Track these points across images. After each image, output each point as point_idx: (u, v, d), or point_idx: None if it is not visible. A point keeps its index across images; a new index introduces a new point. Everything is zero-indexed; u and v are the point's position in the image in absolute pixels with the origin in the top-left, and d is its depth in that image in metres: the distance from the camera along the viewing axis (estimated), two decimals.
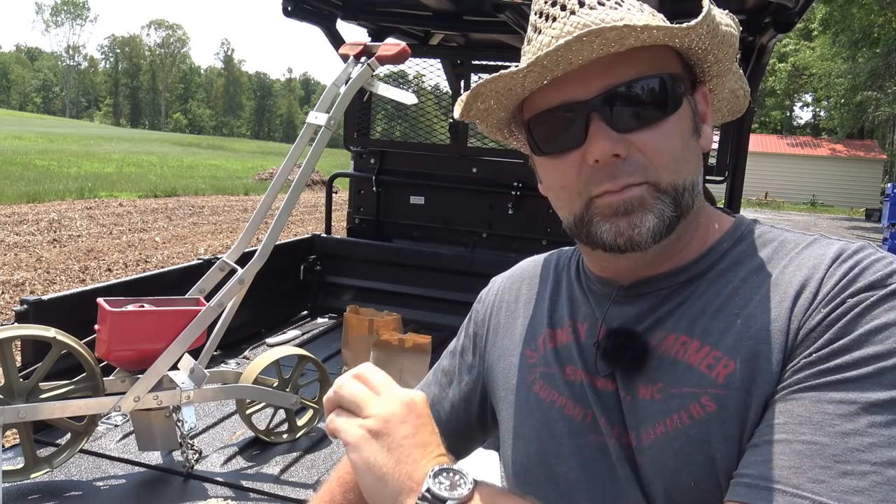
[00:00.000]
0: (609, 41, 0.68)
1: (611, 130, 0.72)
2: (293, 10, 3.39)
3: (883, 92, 29.02)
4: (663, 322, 0.78)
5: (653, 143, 0.73)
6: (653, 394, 0.75)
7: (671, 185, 0.74)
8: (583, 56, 0.69)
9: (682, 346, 0.75)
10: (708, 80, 0.82)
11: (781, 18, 2.77)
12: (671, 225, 0.74)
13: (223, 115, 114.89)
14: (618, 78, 0.72)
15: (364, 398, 0.70)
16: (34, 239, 8.84)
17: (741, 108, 0.90)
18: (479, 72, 4.23)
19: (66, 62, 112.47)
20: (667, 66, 0.75)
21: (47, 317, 2.09)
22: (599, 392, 0.81)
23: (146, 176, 19.14)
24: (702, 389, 0.71)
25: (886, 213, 12.76)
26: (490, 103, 0.79)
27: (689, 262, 0.80)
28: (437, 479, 0.65)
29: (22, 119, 57.25)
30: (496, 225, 3.81)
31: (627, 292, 0.82)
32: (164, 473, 2.04)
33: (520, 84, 0.74)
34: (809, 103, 49.11)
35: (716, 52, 0.77)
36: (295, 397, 2.30)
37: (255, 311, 3.28)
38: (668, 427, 0.72)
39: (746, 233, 0.81)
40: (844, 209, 30.00)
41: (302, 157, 2.25)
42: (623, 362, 0.78)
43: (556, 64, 0.70)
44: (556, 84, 0.73)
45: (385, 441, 0.68)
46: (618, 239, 0.74)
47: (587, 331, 0.86)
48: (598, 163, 0.73)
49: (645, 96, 0.73)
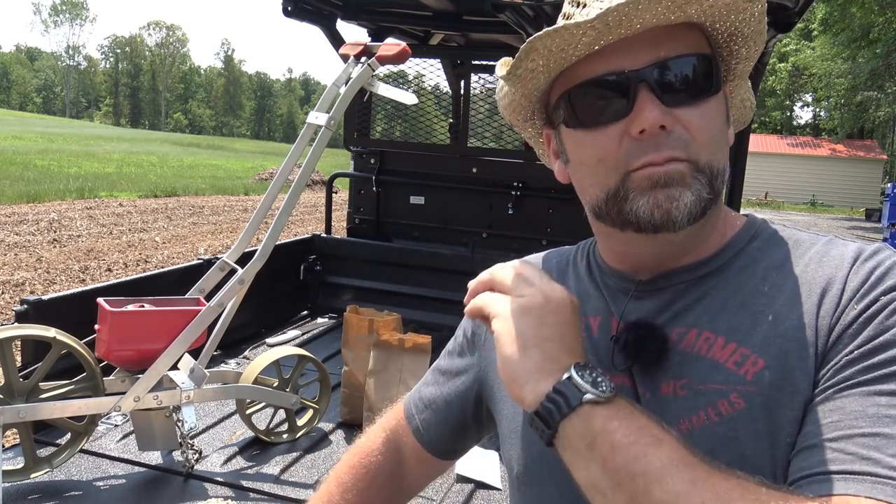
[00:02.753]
0: (675, 5, 0.68)
1: (659, 102, 0.72)
2: (293, 10, 3.39)
3: (883, 92, 29.03)
4: (682, 317, 0.77)
5: (697, 120, 0.73)
6: (676, 390, 0.74)
7: (708, 165, 0.74)
8: (645, 19, 0.69)
9: (706, 342, 0.74)
10: (731, 80, 0.83)
11: (781, 18, 2.77)
12: (705, 207, 0.74)
13: (223, 115, 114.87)
14: (667, 51, 0.73)
15: (523, 280, 0.72)
16: (34, 239, 8.84)
17: (746, 119, 0.91)
18: (479, 72, 4.23)
19: (66, 62, 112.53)
20: (707, 50, 0.76)
21: (47, 317, 2.09)
22: (617, 388, 0.80)
23: (146, 176, 19.14)
24: (730, 386, 0.71)
25: (886, 213, 12.78)
26: (538, 63, 0.76)
27: (708, 256, 0.80)
28: (582, 372, 0.65)
29: (22, 119, 57.24)
30: (496, 225, 3.81)
31: (645, 286, 0.81)
32: (164, 473, 2.04)
33: (574, 44, 0.72)
34: (809, 103, 49.12)
35: (750, 45, 0.78)
36: (295, 397, 2.30)
37: (255, 311, 3.28)
38: (693, 424, 0.72)
39: (760, 231, 0.82)
40: (844, 209, 30.00)
41: (302, 157, 2.25)
42: (645, 356, 0.77)
43: (618, 23, 0.69)
44: (603, 54, 0.73)
45: (538, 318, 0.68)
46: (655, 212, 0.73)
47: (600, 326, 0.84)
48: (644, 133, 0.72)
49: (692, 73, 0.74)
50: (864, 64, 26.64)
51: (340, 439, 2.37)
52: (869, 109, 31.32)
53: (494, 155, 4.07)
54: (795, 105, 49.95)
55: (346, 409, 2.48)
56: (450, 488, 2.03)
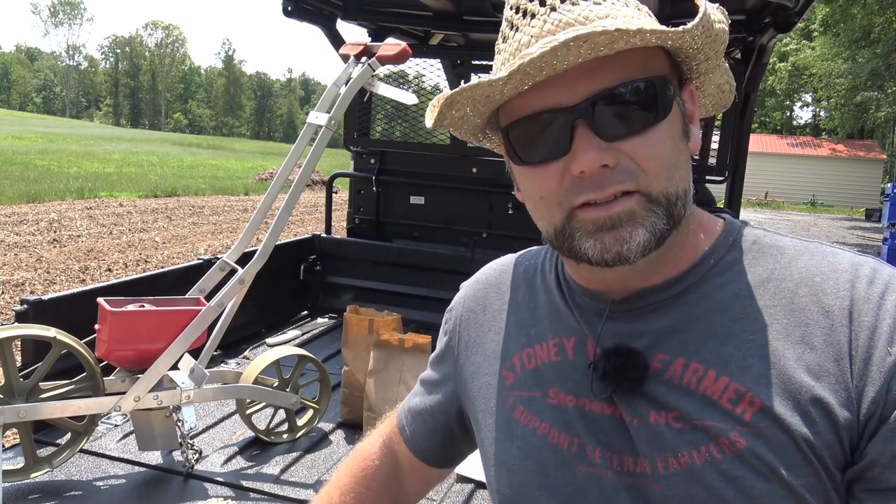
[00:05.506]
0: (598, 45, 0.63)
1: (598, 139, 0.67)
2: (293, 11, 3.39)
3: (883, 92, 29.00)
4: (664, 342, 0.73)
5: (643, 150, 0.68)
6: (668, 421, 0.70)
7: (663, 194, 0.69)
8: (569, 61, 0.64)
9: (695, 374, 0.70)
10: (695, 77, 0.77)
11: (781, 18, 2.77)
12: (662, 237, 0.69)
13: (223, 115, 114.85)
14: (605, 82, 0.67)
15: None
16: (34, 239, 8.84)
17: (726, 102, 0.85)
18: (479, 72, 4.23)
19: (66, 62, 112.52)
20: (655, 66, 0.70)
21: (47, 317, 2.09)
22: (595, 416, 0.75)
23: (146, 176, 19.14)
24: (727, 425, 0.67)
25: (886, 213, 12.75)
26: (466, 111, 0.73)
27: (682, 272, 0.75)
28: None
29: (22, 119, 57.24)
30: (496, 225, 3.81)
31: (619, 307, 0.77)
32: (164, 473, 2.04)
33: (499, 91, 0.68)
34: (809, 103, 49.10)
35: (706, 51, 0.73)
36: (295, 397, 2.30)
37: (255, 311, 3.28)
38: (695, 459, 0.68)
39: (739, 238, 0.77)
40: (844, 209, 29.99)
41: (302, 157, 2.25)
42: (625, 385, 0.72)
43: (539, 70, 0.64)
44: (537, 88, 0.68)
45: None
46: (604, 255, 0.69)
47: (574, 347, 0.79)
48: (584, 174, 0.67)
49: (634, 101, 0.68)
50: (865, 64, 26.61)
51: (340, 439, 2.37)
52: (869, 110, 31.29)
53: (494, 155, 4.05)
54: (795, 105, 49.95)
55: (346, 409, 2.48)
56: (450, 488, 2.03)
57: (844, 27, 24.82)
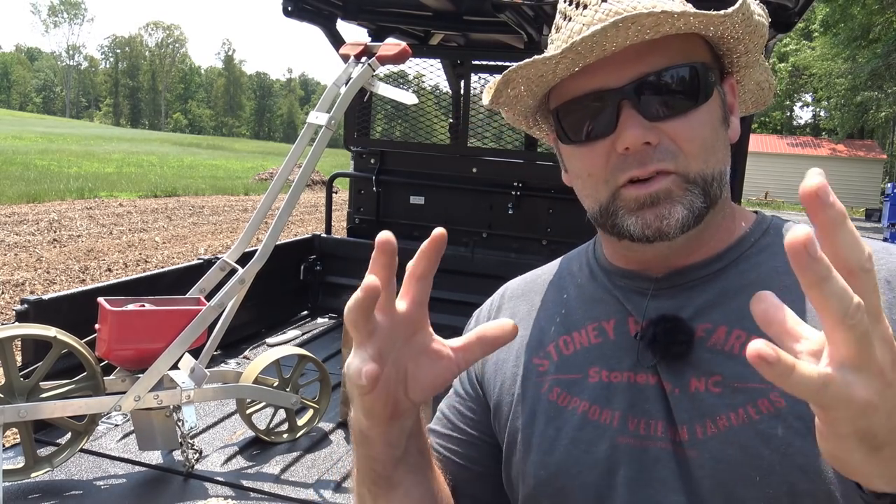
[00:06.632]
0: (644, 28, 0.68)
1: (642, 118, 0.72)
2: (293, 10, 3.39)
3: (883, 92, 29.02)
4: (706, 313, 0.77)
5: (684, 132, 0.73)
6: (708, 386, 0.73)
7: (700, 174, 0.74)
8: (617, 43, 0.69)
9: (738, 339, 0.73)
10: (736, 71, 0.82)
11: (781, 18, 2.77)
12: (700, 215, 0.74)
13: (223, 115, 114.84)
14: (649, 66, 0.72)
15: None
16: (34, 239, 8.84)
17: (766, 100, 0.89)
18: (479, 72, 4.23)
19: (66, 62, 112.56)
20: (698, 55, 0.75)
21: (48, 316, 2.09)
22: (637, 388, 0.78)
23: (146, 176, 19.14)
24: (769, 385, 0.67)
25: (886, 213, 12.78)
26: (520, 90, 0.78)
27: (721, 251, 0.79)
28: None
29: (22, 119, 57.25)
30: (496, 225, 3.81)
31: (662, 284, 0.80)
32: (165, 473, 2.04)
33: (552, 70, 0.73)
34: (809, 103, 49.15)
35: (746, 42, 0.77)
36: (295, 397, 2.30)
37: (256, 311, 3.28)
38: (732, 421, 0.71)
39: (771, 225, 0.82)
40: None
41: (302, 157, 2.25)
42: (674, 348, 0.75)
43: (589, 50, 0.69)
44: (587, 72, 0.73)
45: None
46: (645, 230, 0.74)
47: (615, 328, 0.82)
48: (629, 150, 0.72)
49: (676, 85, 0.73)
50: (865, 64, 26.64)
51: (340, 439, 2.37)
52: (869, 110, 31.32)
53: (494, 155, 4.07)
54: (795, 105, 50.01)
55: (346, 408, 2.48)
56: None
57: (844, 27, 24.83)
